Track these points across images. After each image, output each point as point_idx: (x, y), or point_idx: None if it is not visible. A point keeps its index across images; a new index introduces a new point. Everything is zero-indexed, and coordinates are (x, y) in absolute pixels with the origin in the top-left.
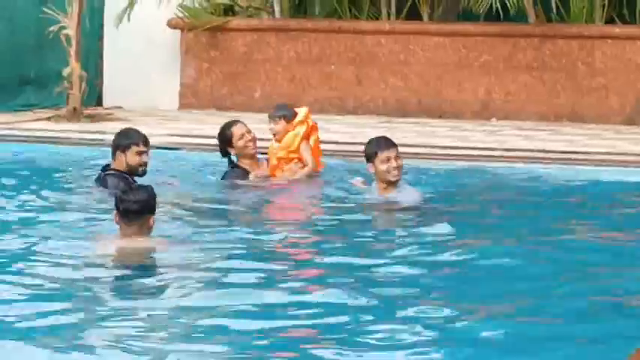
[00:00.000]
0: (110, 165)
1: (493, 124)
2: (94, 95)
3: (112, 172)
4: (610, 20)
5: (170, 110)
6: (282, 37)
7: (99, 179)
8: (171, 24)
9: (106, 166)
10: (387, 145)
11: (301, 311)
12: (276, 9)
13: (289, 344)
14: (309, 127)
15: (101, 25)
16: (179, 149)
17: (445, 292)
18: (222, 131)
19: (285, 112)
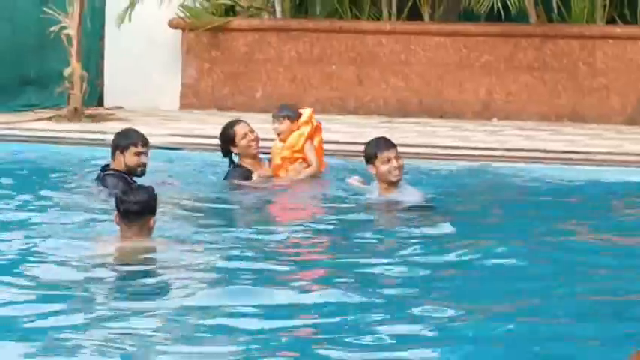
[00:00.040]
0: (110, 165)
1: (494, 124)
2: (95, 95)
3: (111, 172)
4: (611, 20)
5: (171, 110)
6: (283, 37)
7: (99, 179)
8: (173, 24)
9: (106, 166)
10: (387, 146)
11: (302, 311)
12: (277, 9)
13: (290, 344)
14: (313, 128)
15: (102, 25)
16: (180, 149)
17: (446, 292)
18: (225, 130)
19: (289, 112)
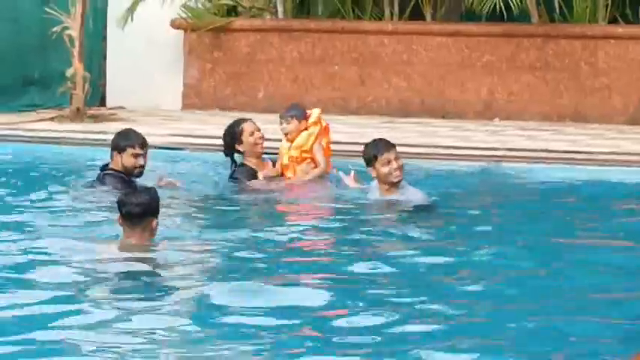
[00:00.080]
0: (109, 164)
1: (496, 124)
2: (97, 95)
3: (109, 172)
4: (613, 20)
5: (173, 110)
6: (285, 38)
7: (98, 179)
8: (175, 24)
9: (105, 166)
10: (387, 147)
11: (304, 311)
12: (279, 9)
13: (291, 344)
14: (322, 128)
15: (104, 26)
16: (182, 149)
17: (448, 292)
18: (232, 128)
19: (297, 111)
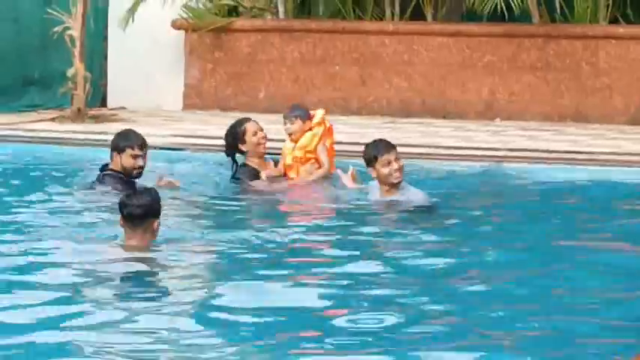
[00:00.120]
0: (108, 165)
1: (497, 124)
2: (98, 96)
3: (109, 173)
4: (614, 20)
5: (174, 111)
6: (286, 38)
7: (98, 179)
8: (176, 25)
9: (105, 166)
10: (387, 148)
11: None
12: (280, 9)
13: (292, 344)
14: (326, 129)
15: (105, 26)
16: (183, 150)
17: (449, 292)
18: (235, 127)
19: (301, 112)
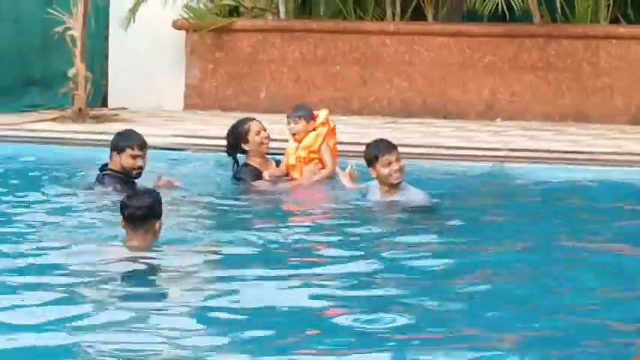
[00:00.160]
0: (108, 165)
1: (498, 124)
2: (99, 96)
3: (108, 173)
4: (615, 20)
5: (175, 111)
6: (287, 38)
7: (98, 179)
8: (177, 25)
9: (104, 166)
10: (388, 149)
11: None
12: (281, 10)
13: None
14: (329, 129)
15: (106, 26)
16: (184, 150)
17: (449, 293)
18: (238, 126)
19: (305, 112)
